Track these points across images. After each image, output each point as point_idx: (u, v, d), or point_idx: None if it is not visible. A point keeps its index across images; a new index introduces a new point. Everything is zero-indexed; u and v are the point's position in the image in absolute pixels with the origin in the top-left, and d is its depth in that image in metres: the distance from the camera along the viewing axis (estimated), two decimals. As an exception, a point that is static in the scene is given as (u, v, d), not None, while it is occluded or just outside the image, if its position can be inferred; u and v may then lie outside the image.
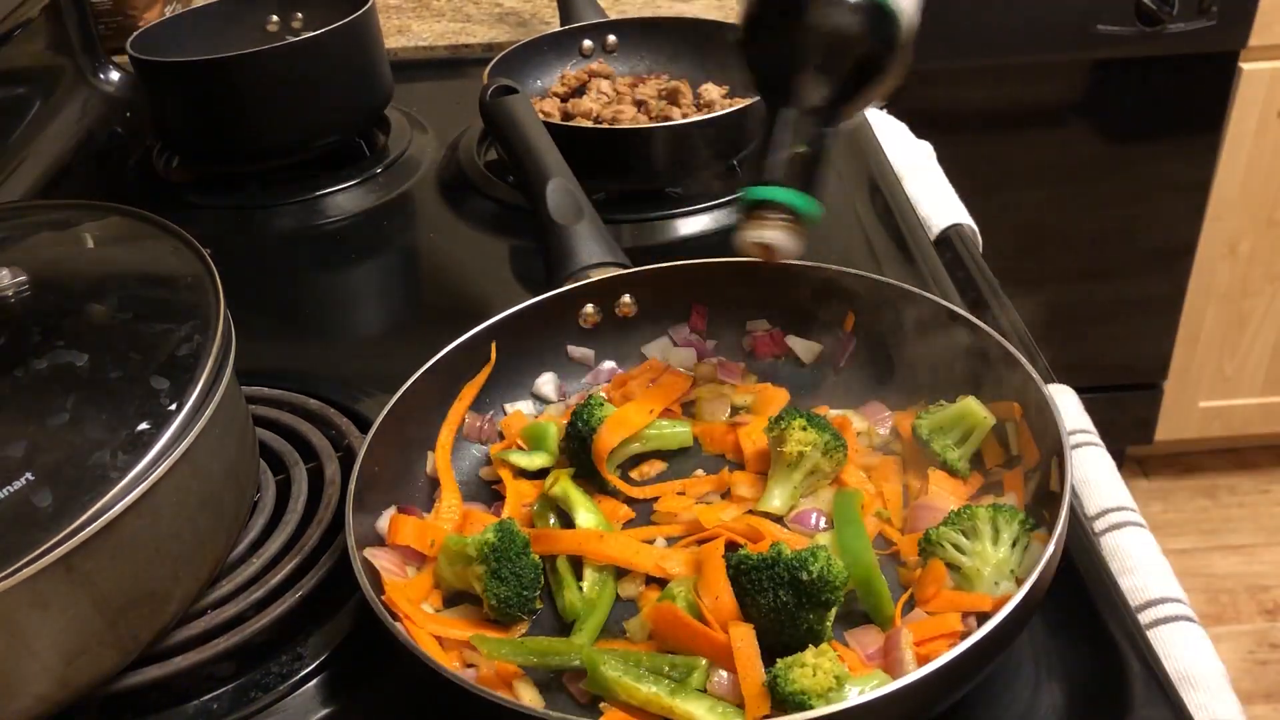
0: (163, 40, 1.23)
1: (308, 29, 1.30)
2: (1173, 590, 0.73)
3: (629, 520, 0.74)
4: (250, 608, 0.68)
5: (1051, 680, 0.63)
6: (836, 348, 0.83)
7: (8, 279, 0.67)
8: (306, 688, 0.66)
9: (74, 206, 0.82)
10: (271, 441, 0.80)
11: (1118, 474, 0.83)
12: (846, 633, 0.63)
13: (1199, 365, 2.20)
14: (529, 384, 0.85)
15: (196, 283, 0.69)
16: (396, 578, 0.68)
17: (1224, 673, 0.67)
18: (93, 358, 0.63)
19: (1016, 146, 1.98)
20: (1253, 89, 1.89)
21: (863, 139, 1.22)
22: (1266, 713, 1.98)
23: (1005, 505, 0.66)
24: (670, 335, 0.86)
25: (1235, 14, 1.81)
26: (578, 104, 1.19)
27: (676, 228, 1.08)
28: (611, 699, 0.59)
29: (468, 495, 0.77)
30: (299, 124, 1.20)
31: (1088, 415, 0.89)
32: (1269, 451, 2.43)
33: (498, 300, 0.87)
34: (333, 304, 1.07)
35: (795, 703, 0.55)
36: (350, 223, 1.17)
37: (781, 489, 0.72)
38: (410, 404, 0.75)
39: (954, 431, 0.73)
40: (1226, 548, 2.28)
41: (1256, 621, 2.13)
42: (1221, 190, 2.00)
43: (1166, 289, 2.11)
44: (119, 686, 0.63)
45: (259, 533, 0.73)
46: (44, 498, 0.56)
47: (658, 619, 0.63)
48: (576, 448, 0.76)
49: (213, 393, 0.63)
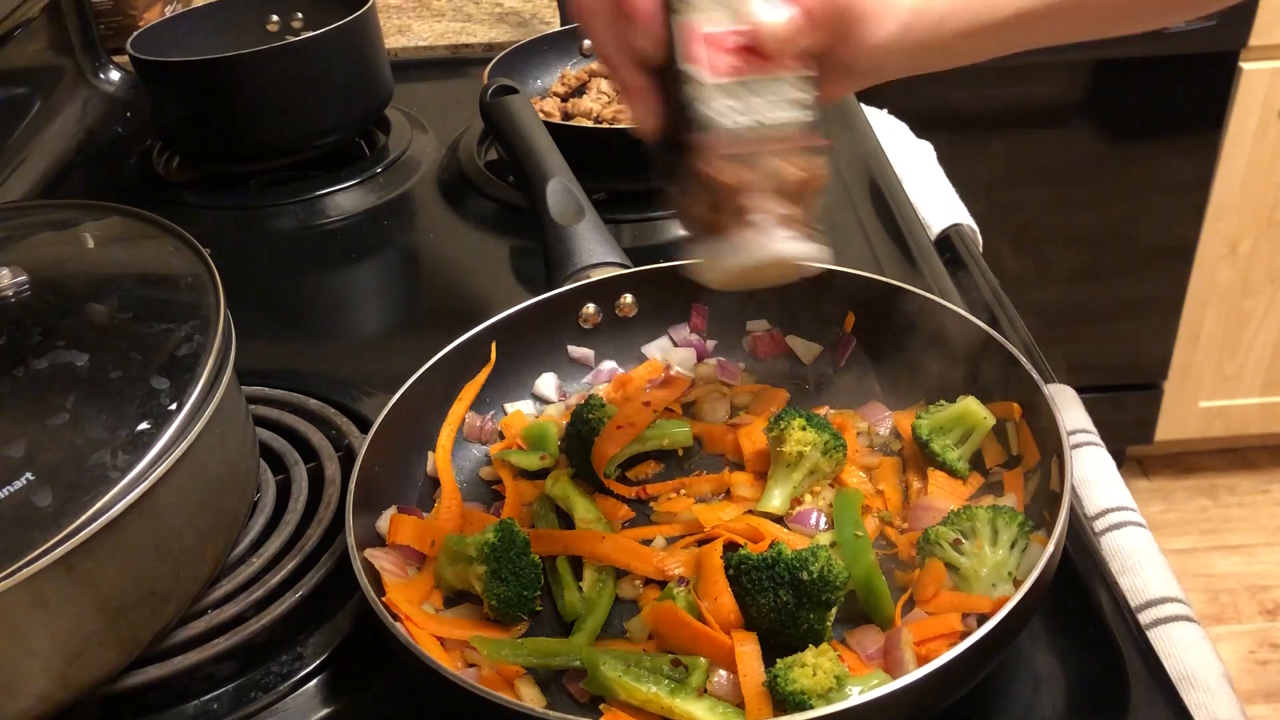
0: (163, 40, 1.23)
1: (308, 29, 1.30)
2: (1173, 590, 0.73)
3: (629, 520, 0.74)
4: (250, 608, 0.68)
5: (1051, 680, 0.63)
6: (836, 348, 0.83)
7: (8, 279, 0.67)
8: (306, 688, 0.66)
9: (74, 206, 0.82)
10: (271, 441, 0.80)
11: (1118, 474, 0.83)
12: (846, 633, 0.63)
13: (1199, 365, 2.20)
14: (529, 384, 0.85)
15: (196, 283, 0.69)
16: (397, 578, 0.68)
17: (1224, 673, 0.67)
18: (93, 358, 0.63)
19: (1016, 146, 1.98)
20: (1253, 89, 1.89)
21: (863, 139, 1.22)
22: (1266, 713, 1.98)
23: (1004, 507, 0.66)
24: (670, 335, 0.86)
25: (1235, 14, 1.81)
26: (578, 104, 1.19)
27: (676, 228, 1.08)
28: (611, 699, 0.59)
29: (468, 495, 0.77)
30: (299, 124, 1.20)
31: (1088, 415, 0.90)
32: (1269, 451, 2.43)
33: (498, 300, 0.87)
34: (333, 304, 1.07)
35: (795, 703, 0.55)
36: (350, 223, 1.17)
37: (781, 489, 0.72)
38: (410, 404, 0.75)
39: (954, 431, 0.73)
40: (1226, 548, 2.28)
41: (1256, 621, 2.13)
42: (1221, 190, 2.00)
43: (1166, 289, 2.11)
44: (119, 686, 0.63)
45: (259, 533, 0.73)
46: (44, 498, 0.56)
47: (658, 619, 0.63)
48: (576, 448, 0.76)
49: (213, 393, 0.63)
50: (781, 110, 0.55)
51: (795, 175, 0.56)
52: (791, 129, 0.56)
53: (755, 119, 0.55)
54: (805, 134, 0.56)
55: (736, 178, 0.55)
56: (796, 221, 0.56)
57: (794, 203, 0.56)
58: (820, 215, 0.58)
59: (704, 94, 0.55)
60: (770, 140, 0.55)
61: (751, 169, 0.55)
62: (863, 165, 1.17)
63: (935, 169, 1.29)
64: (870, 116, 1.29)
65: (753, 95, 0.55)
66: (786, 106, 0.56)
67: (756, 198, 0.55)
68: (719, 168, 0.55)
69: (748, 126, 0.55)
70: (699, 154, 0.55)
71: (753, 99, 0.55)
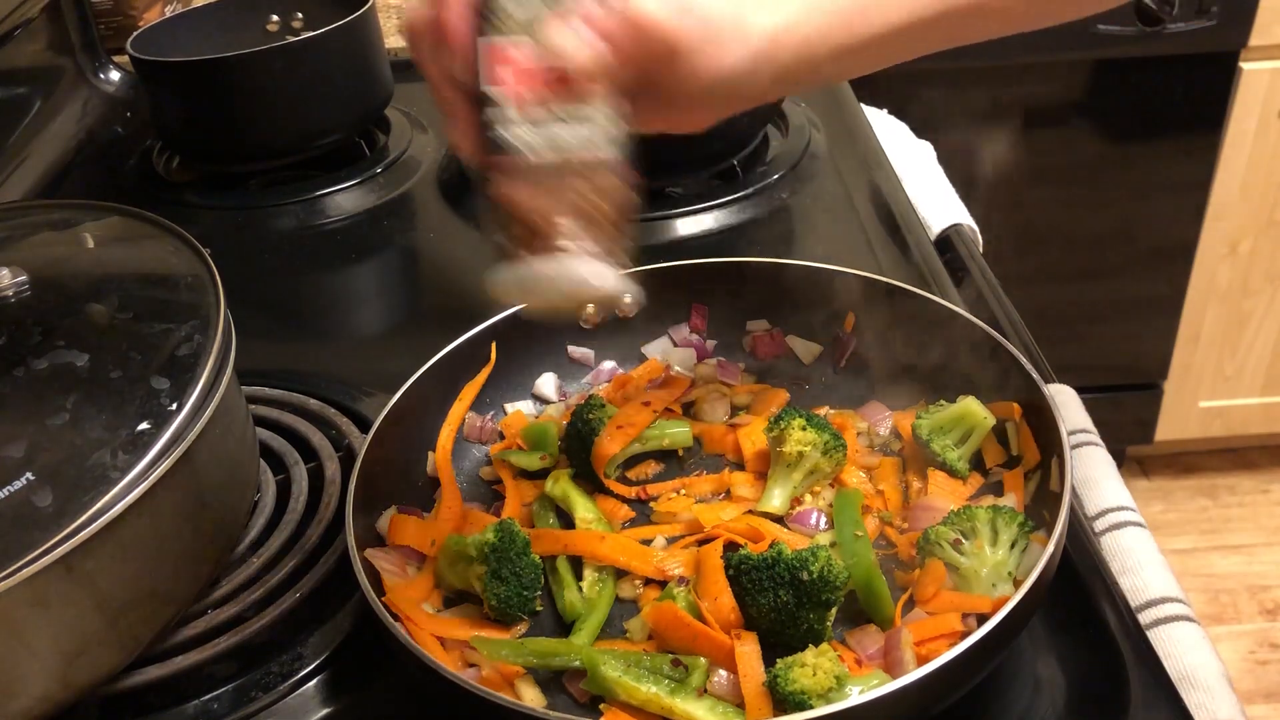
0: (163, 40, 1.23)
1: (308, 29, 1.30)
2: (1173, 590, 0.73)
3: (629, 520, 0.74)
4: (250, 608, 0.68)
5: (1051, 680, 0.63)
6: (836, 348, 0.83)
7: (8, 279, 0.67)
8: (306, 688, 0.66)
9: (74, 206, 0.82)
10: (271, 441, 0.80)
11: (1118, 474, 0.83)
12: (846, 633, 0.63)
13: (1199, 365, 2.20)
14: (529, 384, 0.85)
15: (196, 283, 0.69)
16: (397, 578, 0.68)
17: (1224, 672, 0.67)
18: (93, 358, 0.63)
19: (1016, 146, 1.97)
20: (1253, 89, 1.89)
21: (863, 139, 1.22)
22: (1266, 713, 1.98)
23: (1004, 507, 0.66)
24: (670, 335, 0.86)
25: (1235, 14, 1.81)
26: (578, 104, 1.19)
27: (676, 228, 1.08)
28: (611, 699, 0.59)
29: (468, 495, 0.77)
30: (299, 124, 1.20)
31: (1088, 415, 0.89)
32: (1269, 451, 2.43)
33: (498, 300, 0.87)
34: (333, 304, 1.07)
35: (795, 703, 0.55)
36: (350, 223, 1.17)
37: (781, 489, 0.72)
38: (410, 404, 0.75)
39: (954, 431, 0.73)
40: (1226, 548, 2.28)
41: (1256, 621, 2.13)
42: (1221, 190, 2.00)
43: (1166, 289, 2.11)
44: (119, 686, 0.63)
45: (259, 533, 0.73)
46: (44, 498, 0.56)
47: (658, 619, 0.63)
48: (576, 448, 0.76)
49: (213, 393, 0.63)
50: (581, 139, 0.55)
51: (591, 204, 0.56)
52: (589, 158, 0.56)
53: (553, 146, 0.55)
54: (604, 163, 0.56)
55: (532, 203, 0.55)
56: (593, 250, 0.57)
57: (593, 231, 0.56)
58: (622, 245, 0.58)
59: (504, 118, 0.55)
60: (566, 168, 0.55)
61: (547, 195, 0.56)
62: (863, 165, 1.17)
63: (935, 169, 1.29)
64: (870, 116, 1.29)
65: (553, 122, 0.55)
66: (586, 135, 0.55)
67: (553, 224, 0.56)
68: (514, 191, 0.55)
69: (544, 153, 0.55)
70: (497, 177, 0.56)
71: (553, 126, 0.55)
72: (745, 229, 1.07)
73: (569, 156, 0.55)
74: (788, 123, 1.22)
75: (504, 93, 0.55)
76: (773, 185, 1.12)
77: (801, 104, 1.25)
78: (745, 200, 1.10)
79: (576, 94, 0.55)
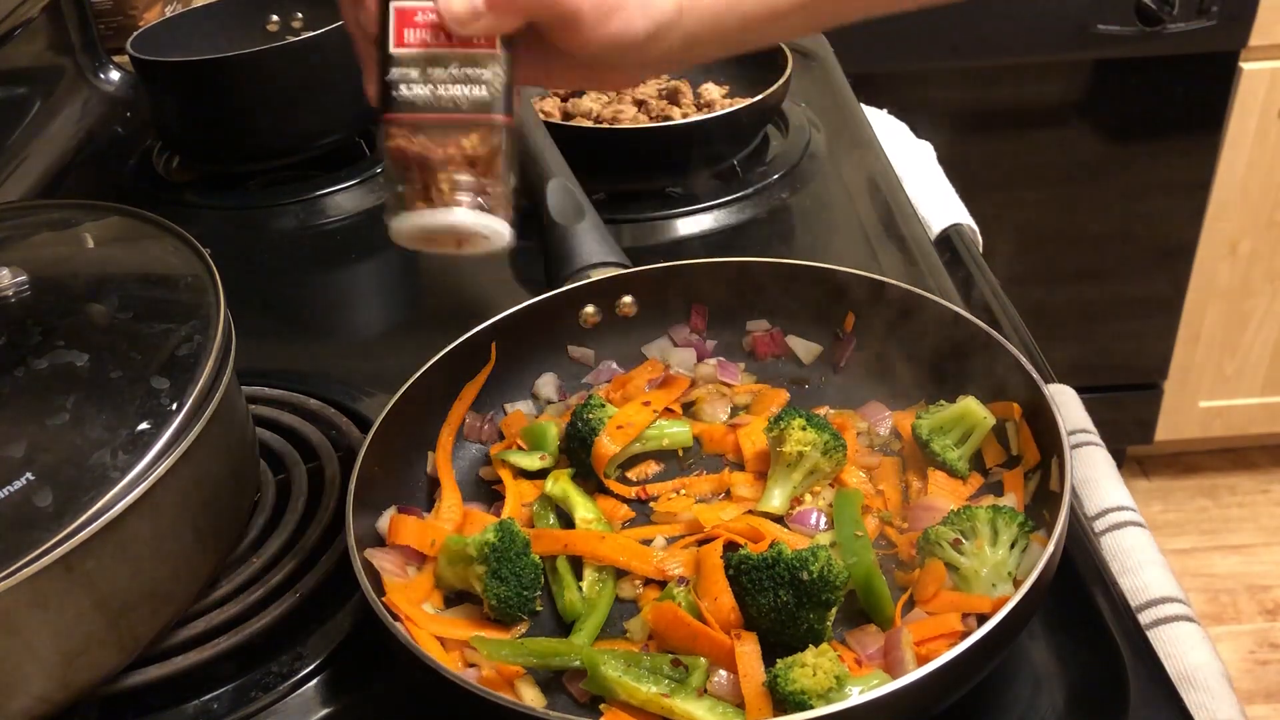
0: (163, 40, 1.23)
1: (308, 29, 1.30)
2: (1173, 590, 0.73)
3: (629, 520, 0.74)
4: (250, 608, 0.68)
5: (1051, 680, 0.63)
6: (836, 348, 0.83)
7: (8, 279, 0.67)
8: (306, 688, 0.66)
9: (74, 206, 0.82)
10: (271, 441, 0.80)
11: (1118, 474, 0.83)
12: (846, 633, 0.63)
13: (1199, 365, 2.20)
14: (529, 384, 0.85)
15: (196, 283, 0.69)
16: (397, 578, 0.68)
17: (1224, 673, 0.67)
18: (93, 358, 0.63)
19: (1016, 146, 1.98)
20: (1253, 89, 1.89)
21: (863, 139, 1.23)
22: (1266, 713, 1.98)
23: (1005, 507, 0.66)
24: (670, 335, 0.86)
25: (1235, 14, 1.81)
26: (578, 104, 1.19)
27: (676, 228, 1.08)
28: (611, 699, 0.59)
29: (468, 495, 0.77)
30: (299, 124, 1.20)
31: (1088, 415, 0.90)
32: (1269, 451, 2.43)
33: (498, 300, 0.87)
34: (333, 304, 1.07)
35: (795, 703, 0.55)
36: (350, 223, 1.17)
37: (781, 489, 0.72)
38: (410, 404, 0.75)
39: (954, 431, 0.73)
40: (1226, 548, 2.28)
41: (1256, 621, 2.13)
42: (1221, 190, 2.00)
43: (1167, 289, 2.11)
44: (119, 686, 0.63)
45: (259, 533, 0.73)
46: (44, 498, 0.56)
47: (658, 619, 0.63)
48: (576, 448, 0.76)
49: (213, 393, 0.63)
50: (459, 86, 0.58)
51: (469, 150, 0.59)
52: (481, 117, 0.58)
53: (433, 92, 0.58)
54: (493, 122, 0.59)
55: (415, 147, 0.58)
56: (474, 195, 0.59)
57: (475, 176, 0.59)
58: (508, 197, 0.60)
59: (405, 76, 0.58)
60: (458, 125, 0.58)
61: (429, 140, 0.58)
62: (863, 165, 1.17)
63: (935, 169, 1.29)
64: (870, 116, 1.29)
65: (434, 68, 0.58)
66: (465, 83, 0.58)
67: (435, 169, 0.58)
68: (410, 145, 0.58)
69: (424, 99, 0.58)
70: (396, 131, 0.59)
71: (434, 72, 0.58)
72: (745, 229, 1.07)
73: (461, 115, 0.58)
74: (788, 123, 1.22)
75: (405, 52, 0.58)
76: (773, 185, 1.12)
77: (802, 104, 1.25)
78: (745, 200, 1.10)
79: (459, 43, 0.58)
